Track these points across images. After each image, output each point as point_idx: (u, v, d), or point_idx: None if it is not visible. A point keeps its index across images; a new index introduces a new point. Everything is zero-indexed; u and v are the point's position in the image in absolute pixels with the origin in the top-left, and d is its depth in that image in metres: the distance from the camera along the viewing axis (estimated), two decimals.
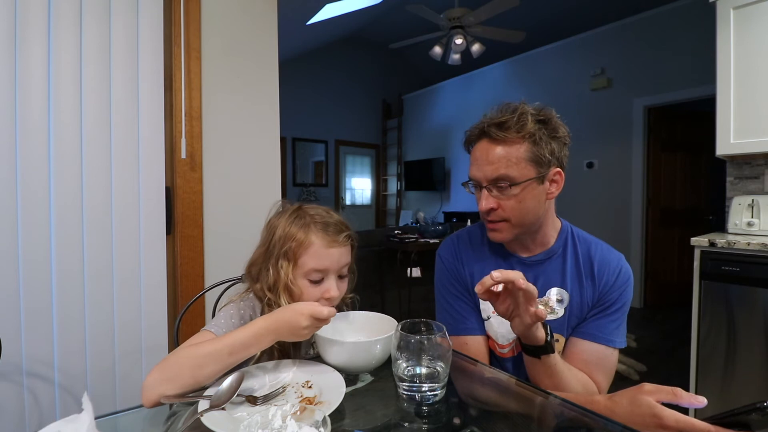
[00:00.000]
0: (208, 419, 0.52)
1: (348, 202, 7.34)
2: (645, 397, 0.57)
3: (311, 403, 0.58)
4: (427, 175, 6.61)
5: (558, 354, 0.75)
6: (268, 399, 0.60)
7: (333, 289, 0.80)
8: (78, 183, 1.23)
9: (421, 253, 3.14)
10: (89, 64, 1.23)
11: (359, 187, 7.53)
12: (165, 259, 1.39)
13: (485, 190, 0.81)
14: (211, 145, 1.51)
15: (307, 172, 6.71)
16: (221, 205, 1.54)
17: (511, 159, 0.78)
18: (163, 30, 1.38)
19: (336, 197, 7.05)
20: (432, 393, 0.61)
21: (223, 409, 0.56)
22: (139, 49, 1.32)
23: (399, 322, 0.67)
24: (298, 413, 0.45)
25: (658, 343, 3.06)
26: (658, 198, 4.01)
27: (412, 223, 5.59)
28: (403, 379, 0.62)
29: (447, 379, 0.63)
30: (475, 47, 3.84)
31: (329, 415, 0.47)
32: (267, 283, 0.81)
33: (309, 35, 5.43)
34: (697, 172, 4.08)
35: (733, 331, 1.65)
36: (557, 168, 0.82)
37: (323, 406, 0.57)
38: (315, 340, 0.75)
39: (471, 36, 3.85)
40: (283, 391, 0.63)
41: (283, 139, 6.18)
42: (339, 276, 0.83)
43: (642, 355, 2.78)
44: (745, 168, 2.07)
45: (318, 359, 0.73)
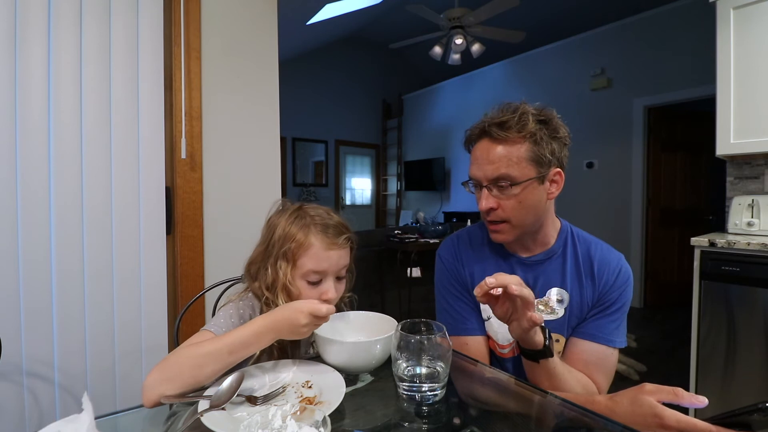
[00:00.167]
0: (208, 419, 0.53)
1: (348, 202, 7.34)
2: (646, 397, 0.57)
3: (311, 403, 0.58)
4: (427, 175, 6.61)
5: (558, 356, 0.75)
6: (268, 399, 0.60)
7: (331, 290, 0.80)
8: (78, 183, 1.23)
9: (421, 253, 3.14)
10: (89, 64, 1.23)
11: (359, 187, 7.52)
12: (165, 259, 1.39)
13: (485, 190, 0.81)
14: (211, 145, 1.51)
15: (307, 172, 6.71)
16: (221, 205, 1.54)
17: (512, 158, 0.77)
18: (163, 30, 1.38)
19: (336, 197, 7.05)
20: (432, 393, 0.61)
21: (223, 409, 0.56)
22: (139, 49, 1.32)
23: (399, 322, 0.67)
24: (298, 413, 0.45)
25: (658, 343, 3.06)
26: (658, 198, 4.01)
27: (412, 223, 5.59)
28: (403, 379, 0.62)
29: (447, 379, 0.63)
30: (475, 47, 3.84)
31: (329, 415, 0.47)
32: (265, 283, 0.81)
33: (309, 35, 5.43)
34: (697, 172, 4.08)
35: (733, 331, 1.65)
36: (557, 168, 0.82)
37: (323, 406, 0.57)
38: (315, 339, 0.75)
39: (471, 36, 3.85)
40: (283, 391, 0.63)
41: (283, 139, 6.18)
42: (337, 277, 0.83)
43: (642, 355, 2.78)
44: (745, 168, 2.07)
45: (318, 359, 0.73)
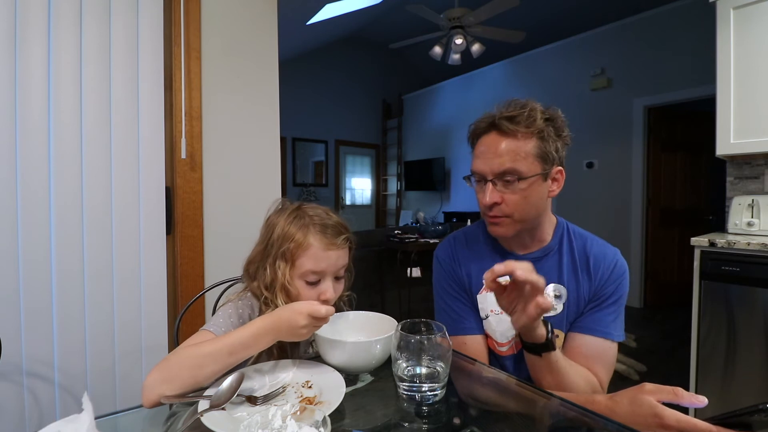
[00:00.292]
0: (208, 419, 0.53)
1: (348, 202, 7.33)
2: (646, 397, 0.57)
3: (311, 403, 0.58)
4: (427, 175, 6.61)
5: (559, 350, 0.75)
6: (268, 399, 0.60)
7: (329, 291, 0.80)
8: (78, 183, 1.23)
9: (421, 253, 3.14)
10: (89, 64, 1.23)
11: (359, 187, 7.52)
12: (165, 259, 1.39)
13: (490, 184, 0.81)
14: (211, 145, 1.51)
15: (307, 172, 6.71)
16: (221, 205, 1.54)
17: (520, 153, 0.78)
18: (163, 30, 1.38)
19: (336, 197, 7.05)
20: (432, 393, 0.61)
21: (223, 409, 0.56)
22: (139, 49, 1.32)
23: (399, 322, 0.67)
24: (298, 413, 0.45)
25: (658, 343, 3.06)
26: (658, 198, 4.01)
27: (412, 223, 5.59)
28: (403, 379, 0.62)
29: (447, 379, 0.63)
30: (475, 47, 3.84)
31: (329, 415, 0.47)
32: (264, 282, 0.81)
33: (309, 35, 5.43)
34: (697, 172, 4.08)
35: (733, 331, 1.65)
36: (560, 167, 0.83)
37: (323, 406, 0.57)
38: (314, 339, 0.75)
39: (471, 36, 3.85)
40: (283, 391, 0.63)
41: (283, 139, 6.18)
42: (336, 277, 0.83)
43: (642, 355, 2.78)
44: (745, 168, 2.07)
45: (318, 359, 0.73)
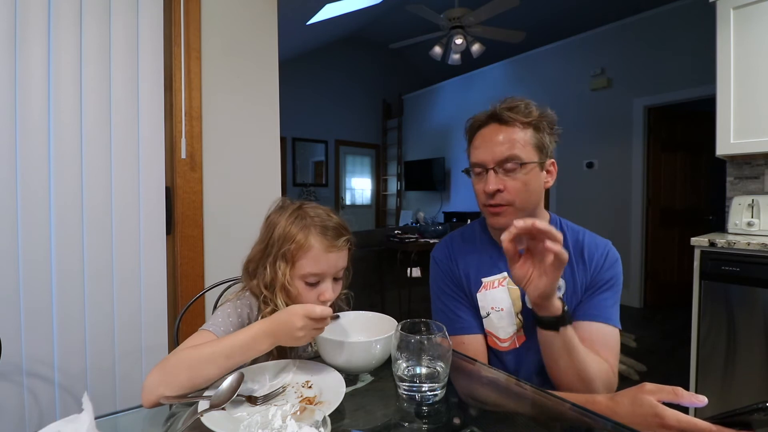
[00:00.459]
0: (208, 419, 0.53)
1: (348, 202, 7.33)
2: (646, 397, 0.57)
3: (311, 403, 0.58)
4: (427, 175, 6.61)
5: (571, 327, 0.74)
6: (268, 399, 0.60)
7: (328, 291, 0.81)
8: (78, 183, 1.23)
9: (421, 253, 3.14)
10: (89, 64, 1.23)
11: (359, 187, 7.52)
12: (165, 259, 1.39)
13: (491, 172, 0.83)
14: (211, 145, 1.51)
15: (307, 172, 6.71)
16: (221, 205, 1.54)
17: (519, 141, 0.82)
18: (163, 30, 1.38)
19: (336, 197, 7.05)
20: (432, 393, 0.61)
21: (223, 409, 0.56)
22: (139, 49, 1.32)
23: (399, 322, 0.67)
24: (298, 413, 0.45)
25: (658, 343, 3.06)
26: (658, 198, 4.01)
27: (412, 223, 5.59)
28: (403, 379, 0.62)
29: (447, 379, 0.63)
30: (475, 47, 3.84)
31: (329, 415, 0.47)
32: (264, 281, 0.81)
33: (309, 35, 5.43)
34: (697, 172, 4.08)
35: (733, 331, 1.65)
36: (552, 159, 0.87)
37: (323, 406, 0.57)
38: (315, 339, 0.75)
39: (471, 36, 3.84)
40: (283, 391, 0.63)
41: (283, 139, 6.18)
42: (334, 278, 0.83)
43: (642, 355, 2.78)
44: (745, 168, 2.07)
45: (318, 359, 0.73)
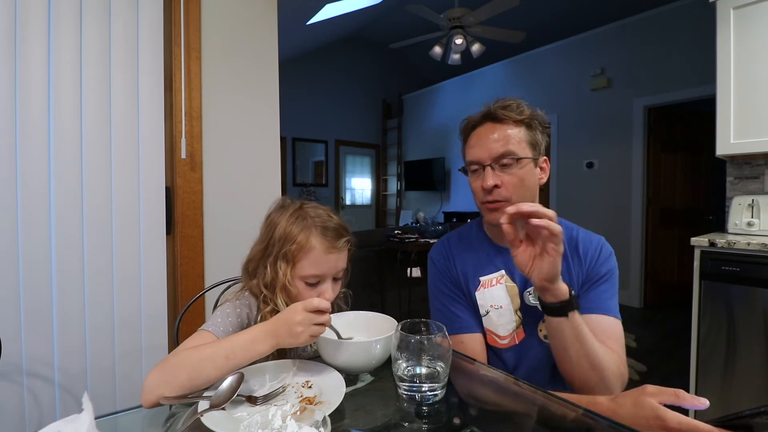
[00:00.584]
0: (208, 419, 0.52)
1: (348, 202, 7.33)
2: (648, 399, 0.57)
3: (311, 403, 0.58)
4: (427, 175, 6.60)
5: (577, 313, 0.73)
6: (268, 399, 0.60)
7: (328, 291, 0.82)
8: (78, 183, 1.23)
9: (421, 253, 3.14)
10: (89, 64, 1.23)
11: (359, 187, 7.52)
12: (165, 259, 1.39)
13: (488, 168, 0.84)
14: (211, 145, 1.51)
15: (307, 172, 6.71)
16: (221, 205, 1.54)
17: (514, 138, 0.85)
18: (163, 30, 1.38)
19: (336, 197, 7.05)
20: (432, 393, 0.61)
21: (223, 409, 0.56)
22: (139, 49, 1.32)
23: (399, 322, 0.67)
24: (298, 413, 0.45)
25: (658, 343, 3.06)
26: (658, 198, 4.01)
27: (412, 223, 5.58)
28: (403, 379, 0.62)
29: (447, 379, 0.63)
30: (475, 47, 3.84)
31: (329, 415, 0.47)
32: (264, 281, 0.82)
33: (309, 35, 5.43)
34: (697, 172, 4.07)
35: (733, 331, 1.65)
36: (544, 156, 0.89)
37: (323, 406, 0.57)
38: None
39: (471, 36, 3.84)
40: (283, 391, 0.63)
41: (283, 139, 6.18)
42: (333, 278, 0.84)
43: (642, 355, 2.77)
44: (745, 168, 2.07)
45: (318, 359, 0.73)
